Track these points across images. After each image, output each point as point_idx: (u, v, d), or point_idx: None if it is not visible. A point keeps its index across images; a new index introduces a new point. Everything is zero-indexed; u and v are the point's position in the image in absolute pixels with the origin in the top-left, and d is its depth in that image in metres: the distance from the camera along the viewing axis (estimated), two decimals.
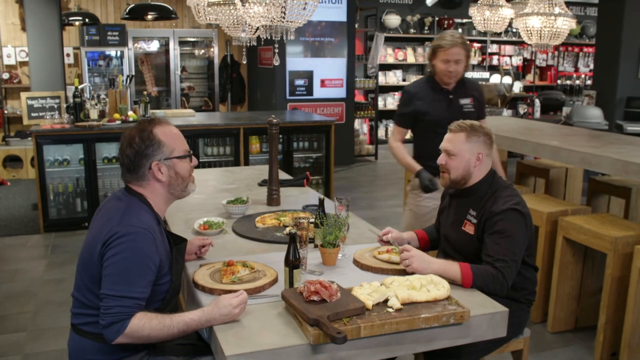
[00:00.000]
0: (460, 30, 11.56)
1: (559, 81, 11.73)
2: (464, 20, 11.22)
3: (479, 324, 1.93)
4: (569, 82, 11.23)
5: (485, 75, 10.70)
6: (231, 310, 1.80)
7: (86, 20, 8.25)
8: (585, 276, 3.61)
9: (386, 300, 1.89)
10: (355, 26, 9.20)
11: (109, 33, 9.20)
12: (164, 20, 8.04)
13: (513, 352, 2.51)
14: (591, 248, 3.44)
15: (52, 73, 7.16)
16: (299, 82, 8.71)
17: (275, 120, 3.09)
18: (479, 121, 3.48)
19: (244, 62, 4.52)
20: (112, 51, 9.40)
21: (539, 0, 4.16)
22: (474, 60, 11.56)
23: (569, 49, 12.62)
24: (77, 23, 8.38)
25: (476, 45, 11.57)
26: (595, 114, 6.96)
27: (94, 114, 5.72)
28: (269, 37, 2.69)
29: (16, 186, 7.35)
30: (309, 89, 8.77)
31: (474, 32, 11.14)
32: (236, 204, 2.97)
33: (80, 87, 5.73)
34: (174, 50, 9.79)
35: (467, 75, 3.85)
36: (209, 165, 6.09)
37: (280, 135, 6.02)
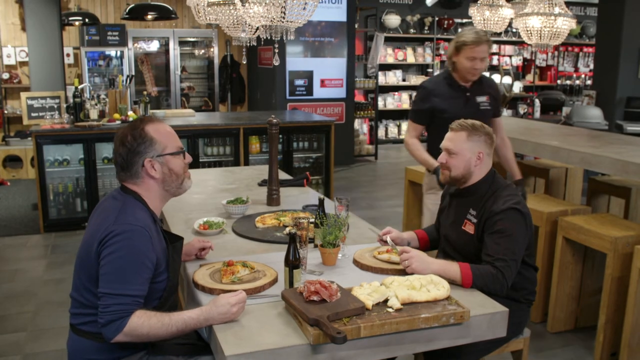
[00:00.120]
0: (460, 31, 11.55)
1: (559, 81, 11.74)
2: (464, 20, 11.21)
3: (479, 324, 1.93)
4: (569, 82, 11.24)
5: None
6: (229, 309, 1.80)
7: (86, 20, 8.25)
8: (585, 276, 3.61)
9: (386, 300, 1.89)
10: (355, 26, 9.20)
11: (109, 33, 9.21)
12: (164, 20, 8.05)
13: (513, 352, 2.51)
14: (591, 248, 3.44)
15: (52, 73, 7.16)
16: (299, 82, 8.71)
17: (275, 120, 3.09)
18: (495, 119, 3.51)
19: (244, 62, 4.52)
20: (112, 51, 9.40)
21: (539, 0, 4.16)
22: None
23: (569, 49, 12.61)
24: (77, 23, 8.38)
25: None
26: (595, 114, 6.96)
27: (94, 114, 5.72)
28: (269, 37, 2.68)
29: (16, 186, 7.36)
30: (309, 89, 8.76)
31: None
32: (236, 204, 2.97)
33: (80, 87, 5.73)
34: (174, 50, 9.79)
35: None
36: (209, 165, 6.09)
37: (280, 135, 6.02)
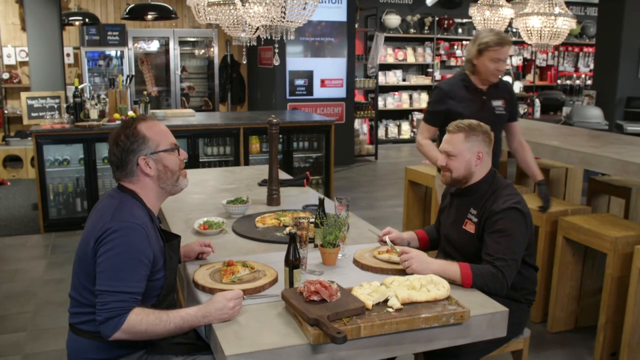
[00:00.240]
0: (460, 31, 11.56)
1: (559, 81, 11.74)
2: (464, 20, 11.22)
3: (479, 324, 1.93)
4: (569, 82, 11.24)
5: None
6: (225, 304, 1.81)
7: (86, 20, 8.25)
8: (585, 276, 3.61)
9: (386, 300, 1.89)
10: (355, 26, 9.20)
11: (109, 33, 9.21)
12: (164, 20, 8.05)
13: (513, 352, 2.51)
14: (591, 248, 3.44)
15: (52, 73, 7.16)
16: (299, 82, 8.71)
17: (275, 120, 3.09)
18: (511, 124, 3.49)
19: (244, 62, 4.52)
20: (112, 51, 9.40)
21: (539, 0, 4.16)
22: None
23: (569, 49, 12.61)
24: (77, 23, 8.38)
25: None
26: (595, 114, 6.96)
27: (94, 114, 5.72)
28: (269, 37, 2.69)
29: (16, 186, 7.36)
30: (309, 89, 8.76)
31: (474, 32, 11.11)
32: (236, 204, 2.97)
33: (80, 87, 5.73)
34: (174, 50, 9.78)
35: None
36: (209, 165, 6.09)
37: (280, 135, 6.02)
